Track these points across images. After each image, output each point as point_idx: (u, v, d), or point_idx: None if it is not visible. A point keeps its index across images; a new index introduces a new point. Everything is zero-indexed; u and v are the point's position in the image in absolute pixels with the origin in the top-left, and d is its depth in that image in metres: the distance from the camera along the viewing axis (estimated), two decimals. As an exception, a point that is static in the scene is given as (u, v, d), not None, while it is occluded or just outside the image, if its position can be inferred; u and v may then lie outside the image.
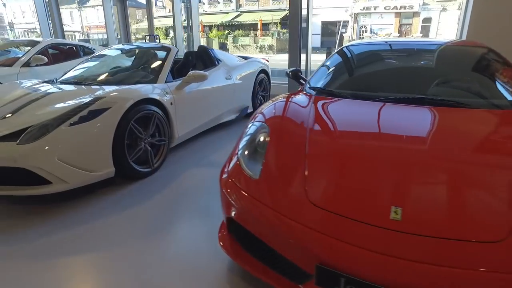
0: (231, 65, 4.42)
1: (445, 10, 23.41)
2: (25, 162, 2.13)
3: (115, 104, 2.52)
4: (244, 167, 1.64)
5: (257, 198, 1.47)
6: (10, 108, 2.59)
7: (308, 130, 1.79)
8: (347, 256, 1.20)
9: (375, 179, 1.44)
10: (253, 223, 1.48)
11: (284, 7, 28.72)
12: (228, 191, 1.60)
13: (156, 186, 2.73)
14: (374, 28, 25.88)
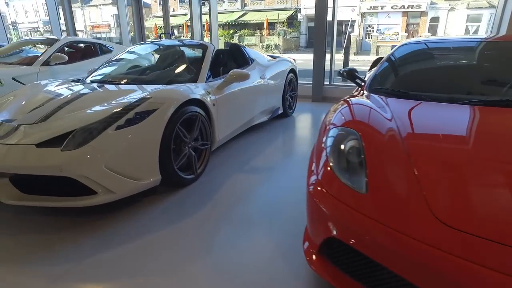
0: (263, 64, 4.19)
1: (453, 9, 23.16)
2: (71, 170, 1.91)
3: (162, 105, 2.29)
4: (345, 180, 1.42)
5: (371, 217, 1.25)
6: (44, 111, 2.36)
7: (402, 138, 1.58)
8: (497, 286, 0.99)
9: (504, 193, 1.23)
10: (368, 245, 1.26)
11: (289, 6, 28.50)
12: (329, 208, 1.38)
13: (202, 195, 2.50)
14: (381, 27, 25.62)
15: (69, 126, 2.10)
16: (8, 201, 2.01)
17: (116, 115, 2.14)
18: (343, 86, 6.43)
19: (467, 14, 21.96)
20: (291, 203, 2.38)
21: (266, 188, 2.63)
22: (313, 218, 1.53)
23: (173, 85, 2.69)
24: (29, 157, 1.96)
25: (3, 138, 2.11)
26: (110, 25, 35.90)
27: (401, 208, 1.25)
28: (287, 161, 3.22)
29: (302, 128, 4.60)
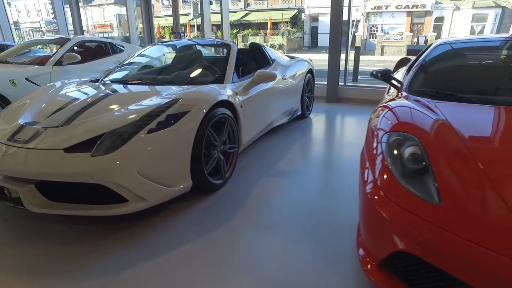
0: (284, 64, 4.07)
1: (458, 9, 23.01)
2: (103, 177, 1.78)
3: (194, 107, 2.17)
4: (413, 190, 1.30)
5: (450, 230, 1.14)
6: (67, 113, 2.24)
7: (465, 142, 1.48)
8: None
9: None
10: (447, 261, 1.15)
11: (293, 6, 28.38)
12: (396, 219, 1.27)
13: (233, 201, 2.38)
14: (385, 27, 25.48)
15: (98, 130, 1.98)
16: (35, 209, 1.88)
17: (147, 118, 2.02)
18: (358, 87, 6.31)
19: (473, 13, 21.82)
20: (325, 208, 2.27)
21: (296, 193, 2.51)
22: (373, 227, 1.42)
23: (202, 86, 2.56)
24: (56, 162, 1.84)
25: (28, 142, 1.99)
26: (112, 24, 35.81)
27: (482, 220, 1.15)
28: (312, 165, 3.10)
29: (321, 130, 4.47)
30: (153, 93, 2.48)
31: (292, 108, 4.26)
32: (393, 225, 1.28)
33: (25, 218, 2.14)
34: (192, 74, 2.99)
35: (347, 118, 5.01)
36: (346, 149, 3.52)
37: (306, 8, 27.64)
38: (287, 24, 26.89)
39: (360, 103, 6.02)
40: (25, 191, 1.91)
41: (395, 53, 22.91)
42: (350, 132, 4.24)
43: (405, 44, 21.96)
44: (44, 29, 35.93)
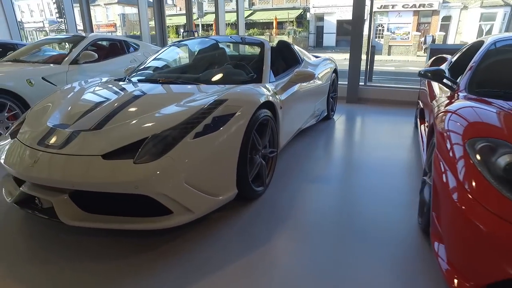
0: (312, 63, 3.88)
1: (466, 8, 22.77)
2: (149, 187, 1.59)
3: (241, 109, 1.98)
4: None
5: None
6: (98, 116, 2.05)
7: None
8: None
9: None
10: None
11: (298, 5, 28.19)
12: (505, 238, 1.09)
13: (276, 210, 2.19)
14: (391, 27, 25.26)
15: (139, 134, 1.79)
16: (70, 222, 1.70)
17: (193, 120, 1.83)
18: (379, 87, 6.11)
19: (481, 12, 21.57)
20: (377, 217, 2.08)
21: (342, 201, 2.33)
22: (468, 244, 1.24)
23: (243, 86, 2.37)
24: (95, 171, 1.65)
25: (61, 147, 1.80)
26: (115, 24, 35.70)
27: None
28: (348, 169, 2.90)
29: (348, 132, 4.27)
30: (189, 93, 2.29)
31: (319, 109, 4.07)
32: (499, 244, 1.10)
33: (55, 230, 1.96)
34: (228, 73, 2.79)
35: (372, 120, 4.81)
36: (379, 152, 3.33)
37: (312, 8, 27.45)
38: (293, 24, 26.71)
39: (381, 104, 5.82)
40: (58, 201, 1.72)
41: (402, 53, 22.72)
42: (378, 134, 4.04)
43: (412, 43, 21.77)
44: (47, 28, 35.85)
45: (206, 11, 29.29)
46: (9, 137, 2.15)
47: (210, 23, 26.03)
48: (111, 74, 4.61)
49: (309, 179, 2.69)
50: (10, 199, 1.94)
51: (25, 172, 1.75)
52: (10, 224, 2.06)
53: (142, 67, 3.17)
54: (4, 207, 2.24)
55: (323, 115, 4.26)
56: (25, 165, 1.78)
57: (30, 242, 1.87)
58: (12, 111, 3.58)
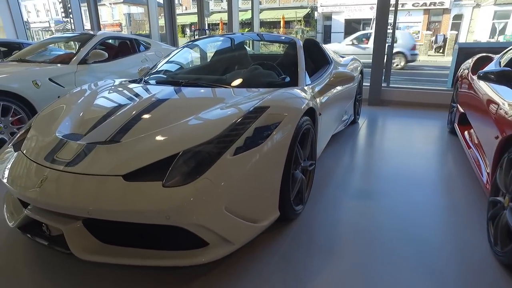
0: (342, 63, 3.56)
1: (479, 6, 22.24)
2: (182, 218, 1.28)
3: (285, 118, 1.67)
4: None
5: None
6: (115, 124, 1.75)
7: None
8: None
9: None
10: None
11: (305, 4, 27.81)
12: None
13: (320, 233, 1.87)
14: (400, 26, 24.79)
15: (166, 148, 1.48)
16: (84, 256, 1.40)
17: (231, 132, 1.52)
18: (403, 89, 5.77)
19: (494, 10, 21.06)
20: (436, 241, 1.76)
21: (389, 222, 2.01)
22: None
23: (281, 90, 2.05)
24: (116, 195, 1.34)
25: (73, 164, 1.50)
26: (121, 24, 35.58)
27: None
28: (389, 183, 2.57)
29: (376, 137, 3.94)
30: (220, 98, 1.98)
31: (348, 113, 3.75)
32: None
33: (64, 258, 1.66)
34: (259, 74, 2.46)
35: (399, 123, 4.47)
36: (415, 160, 3.01)
37: (319, 7, 27.05)
38: (301, 23, 26.34)
39: (405, 106, 5.49)
40: (70, 230, 1.42)
41: (413, 52, 22.24)
42: (410, 140, 3.71)
43: (423, 42, 21.29)
44: (53, 28, 35.81)
45: (212, 10, 29.06)
46: (12, 148, 1.86)
47: (216, 23, 25.78)
48: (121, 74, 4.32)
49: (348, 194, 2.37)
50: (13, 223, 1.65)
51: (30, 195, 1.45)
52: (12, 250, 1.76)
53: (159, 67, 2.87)
54: (5, 229, 1.95)
55: (351, 120, 3.94)
56: (30, 185, 1.49)
57: (35, 273, 1.57)
58: (17, 115, 3.30)
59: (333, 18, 27.11)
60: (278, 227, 1.89)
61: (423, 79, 10.48)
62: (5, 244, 1.81)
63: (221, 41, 3.23)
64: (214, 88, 2.20)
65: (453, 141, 3.59)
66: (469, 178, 2.63)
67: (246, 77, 2.43)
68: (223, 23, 24.15)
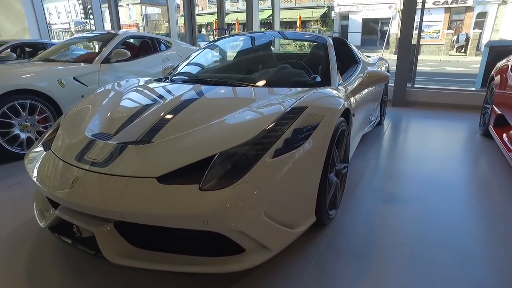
0: (370, 63, 3.44)
1: (505, 3, 21.47)
2: (221, 223, 1.22)
3: (323, 119, 1.58)
4: None
5: None
6: (145, 124, 1.71)
7: None
8: None
9: None
10: None
11: (322, 4, 27.55)
12: None
13: (356, 241, 1.78)
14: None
15: (201, 150, 1.42)
16: (115, 259, 1.35)
17: (269, 134, 1.44)
18: (429, 89, 5.58)
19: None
20: (474, 249, 1.62)
21: (426, 226, 1.90)
22: None
23: (316, 89, 1.96)
24: (151, 198, 1.28)
25: (104, 164, 1.45)
26: (138, 24, 36.12)
27: None
28: (425, 188, 2.44)
29: (404, 139, 3.79)
30: (252, 98, 1.91)
31: (375, 114, 3.62)
32: None
33: (97, 259, 1.62)
34: (289, 74, 2.38)
35: (427, 125, 4.30)
36: (448, 163, 2.86)
37: (336, 6, 26.76)
38: (317, 23, 26.11)
39: (431, 107, 5.31)
40: (101, 232, 1.37)
41: (433, 52, 21.74)
42: (440, 142, 3.55)
43: (444, 42, 20.77)
44: (73, 29, 36.67)
45: (228, 10, 29.12)
46: (42, 147, 1.83)
47: (232, 22, 25.81)
48: (143, 73, 4.31)
49: (379, 198, 2.26)
50: (44, 223, 1.62)
51: (61, 195, 1.41)
52: (42, 250, 1.73)
53: (184, 66, 2.82)
54: (35, 228, 1.93)
55: (377, 121, 3.81)
56: (61, 185, 1.45)
57: (65, 275, 1.53)
58: (43, 113, 3.32)
59: (350, 18, 26.76)
60: (311, 233, 1.81)
61: (451, 80, 10.18)
62: (35, 243, 1.79)
63: (246, 39, 3.16)
64: (244, 87, 2.13)
65: (487, 144, 3.42)
66: (502, 182, 2.47)
67: (276, 76, 2.35)
68: (239, 23, 24.12)
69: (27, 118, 3.22)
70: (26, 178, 2.67)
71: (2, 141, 3.05)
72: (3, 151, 3.06)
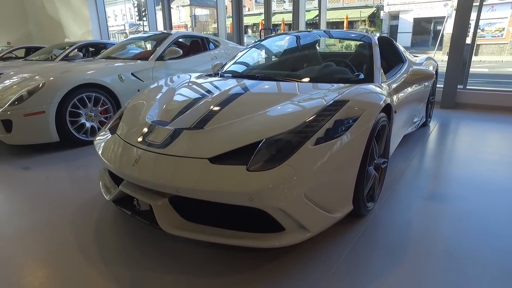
0: (416, 62, 3.39)
1: None
2: (265, 200, 1.35)
3: (364, 112, 1.66)
4: None
5: None
6: (197, 114, 1.89)
7: None
8: None
9: None
10: None
11: (371, 3, 26.76)
12: None
13: (394, 235, 1.81)
14: (481, 23, 22.57)
15: (250, 136, 1.56)
16: (170, 230, 1.53)
17: (312, 123, 1.55)
18: (483, 91, 5.29)
19: None
20: None
21: (470, 227, 1.86)
22: None
23: (361, 85, 2.03)
24: (203, 176, 1.45)
25: (164, 146, 1.65)
26: (187, 25, 37.59)
27: None
28: (471, 189, 2.38)
29: (451, 142, 3.67)
30: (297, 91, 2.02)
31: (420, 114, 3.55)
32: None
33: (157, 234, 1.83)
34: (334, 71, 2.46)
35: (478, 128, 4.11)
36: (503, 170, 2.74)
37: (386, 6, 25.83)
38: (365, 23, 25.42)
39: (483, 110, 5.03)
40: (158, 206, 1.57)
41: (494, 52, 20.20)
42: (493, 148, 3.39)
43: (509, 41, 19.21)
44: (127, 31, 39.10)
45: (274, 11, 29.33)
46: (108, 132, 2.10)
47: (278, 23, 25.96)
48: (192, 70, 4.59)
49: (423, 197, 2.25)
50: (109, 197, 1.86)
51: (126, 171, 1.63)
52: (106, 220, 1.99)
53: (233, 62, 3.00)
54: (100, 202, 2.21)
55: (422, 122, 3.73)
56: (126, 163, 1.67)
57: (128, 244, 1.76)
58: (104, 105, 3.69)
59: (401, 17, 25.69)
60: (349, 222, 1.88)
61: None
62: (101, 215, 2.05)
63: (292, 38, 3.27)
64: (288, 83, 2.25)
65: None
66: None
67: (320, 73, 2.45)
68: (284, 23, 24.20)
69: (92, 109, 3.60)
70: (91, 161, 3.04)
71: (71, 129, 3.45)
72: (72, 138, 3.46)
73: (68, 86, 3.35)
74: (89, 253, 1.68)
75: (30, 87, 3.27)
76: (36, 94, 3.22)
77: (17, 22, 12.11)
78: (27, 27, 12.29)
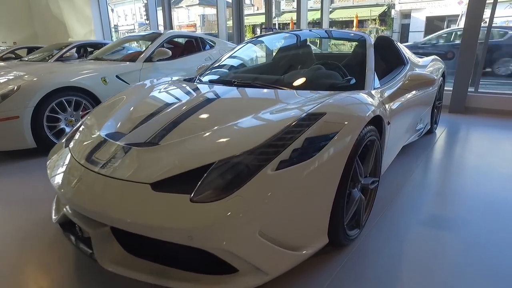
0: (420, 64, 3.08)
1: None
2: (207, 240, 1.10)
3: (343, 127, 1.39)
4: None
5: None
6: (157, 125, 1.65)
7: None
8: None
9: None
10: None
11: (381, 2, 26.17)
12: None
13: (382, 266, 1.54)
14: (497, 21, 21.82)
15: (201, 157, 1.31)
16: (106, 264, 1.30)
17: (276, 142, 1.29)
18: (496, 95, 4.92)
19: None
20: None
21: (475, 256, 1.57)
22: None
23: (341, 94, 1.75)
24: (141, 206, 1.21)
25: (106, 166, 1.41)
26: (195, 24, 37.61)
27: None
28: (474, 210, 2.08)
29: (458, 152, 3.34)
30: (271, 100, 1.77)
31: (424, 121, 3.24)
32: None
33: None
34: (320, 75, 2.18)
35: (490, 136, 3.76)
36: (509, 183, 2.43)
37: (397, 4, 25.22)
38: (375, 22, 24.87)
39: (496, 115, 4.66)
40: (97, 235, 1.33)
41: (509, 53, 19.45)
42: (507, 160, 3.06)
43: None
44: (136, 30, 39.42)
45: (284, 10, 28.96)
46: (64, 143, 1.87)
47: (287, 22, 25.63)
48: (185, 72, 4.37)
49: (421, 221, 1.97)
50: (55, 219, 1.64)
51: (65, 194, 1.40)
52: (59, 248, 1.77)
53: (215, 66, 2.75)
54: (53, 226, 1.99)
55: (426, 129, 3.42)
56: (68, 184, 1.44)
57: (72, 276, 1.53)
58: (86, 109, 3.50)
59: (412, 16, 25.02)
60: (328, 252, 1.61)
61: None
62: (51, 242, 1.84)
63: (283, 38, 2.99)
64: (269, 90, 1.98)
65: None
66: None
67: (306, 78, 2.17)
68: (293, 23, 23.85)
69: (72, 114, 3.40)
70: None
71: (50, 134, 3.26)
72: (50, 144, 3.26)
73: (45, 90, 3.16)
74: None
75: (4, 91, 3.09)
76: (9, 98, 3.04)
77: (23, 22, 12.15)
78: (33, 27, 12.32)
